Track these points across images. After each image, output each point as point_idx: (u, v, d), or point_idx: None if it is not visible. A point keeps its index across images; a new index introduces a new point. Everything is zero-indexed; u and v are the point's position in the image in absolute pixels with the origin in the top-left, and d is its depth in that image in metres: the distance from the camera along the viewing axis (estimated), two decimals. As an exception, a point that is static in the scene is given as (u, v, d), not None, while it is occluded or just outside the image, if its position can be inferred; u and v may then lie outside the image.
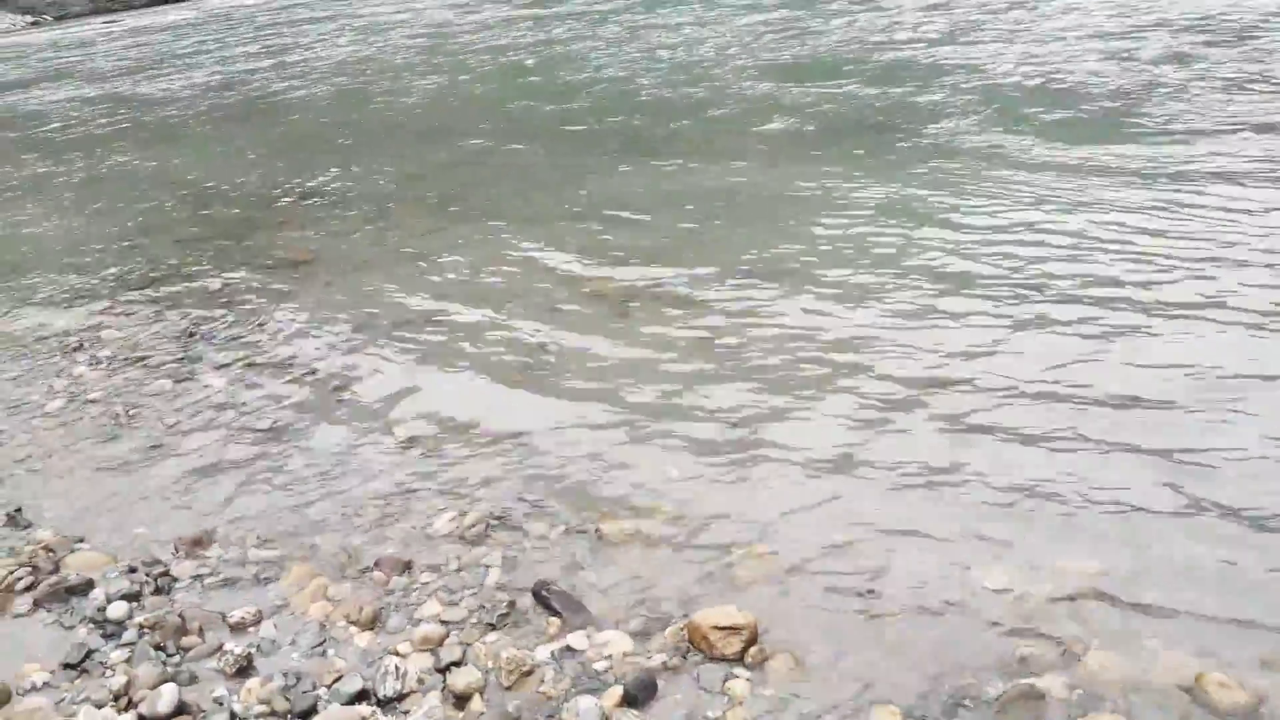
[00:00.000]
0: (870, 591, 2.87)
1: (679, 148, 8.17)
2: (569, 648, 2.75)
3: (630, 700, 2.51)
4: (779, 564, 3.02)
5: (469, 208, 7.13)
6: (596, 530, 3.28)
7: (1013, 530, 3.09)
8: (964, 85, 8.93)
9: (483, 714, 2.50)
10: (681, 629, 2.76)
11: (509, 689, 2.62)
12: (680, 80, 11.08)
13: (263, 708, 2.60)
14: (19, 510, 3.72)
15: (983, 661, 2.57)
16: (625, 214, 6.58)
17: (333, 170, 8.86)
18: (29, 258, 7.08)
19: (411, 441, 4.02)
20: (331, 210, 7.52)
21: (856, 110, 8.69)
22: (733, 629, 2.67)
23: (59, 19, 53.79)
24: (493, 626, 2.89)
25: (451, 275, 5.80)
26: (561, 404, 4.19)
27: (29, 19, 54.10)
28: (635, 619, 2.86)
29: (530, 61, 13.91)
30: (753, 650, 2.65)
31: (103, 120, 13.86)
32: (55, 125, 14.05)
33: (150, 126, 12.79)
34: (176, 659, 2.83)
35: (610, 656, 2.70)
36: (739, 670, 2.60)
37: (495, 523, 3.40)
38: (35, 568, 3.33)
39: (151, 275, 6.30)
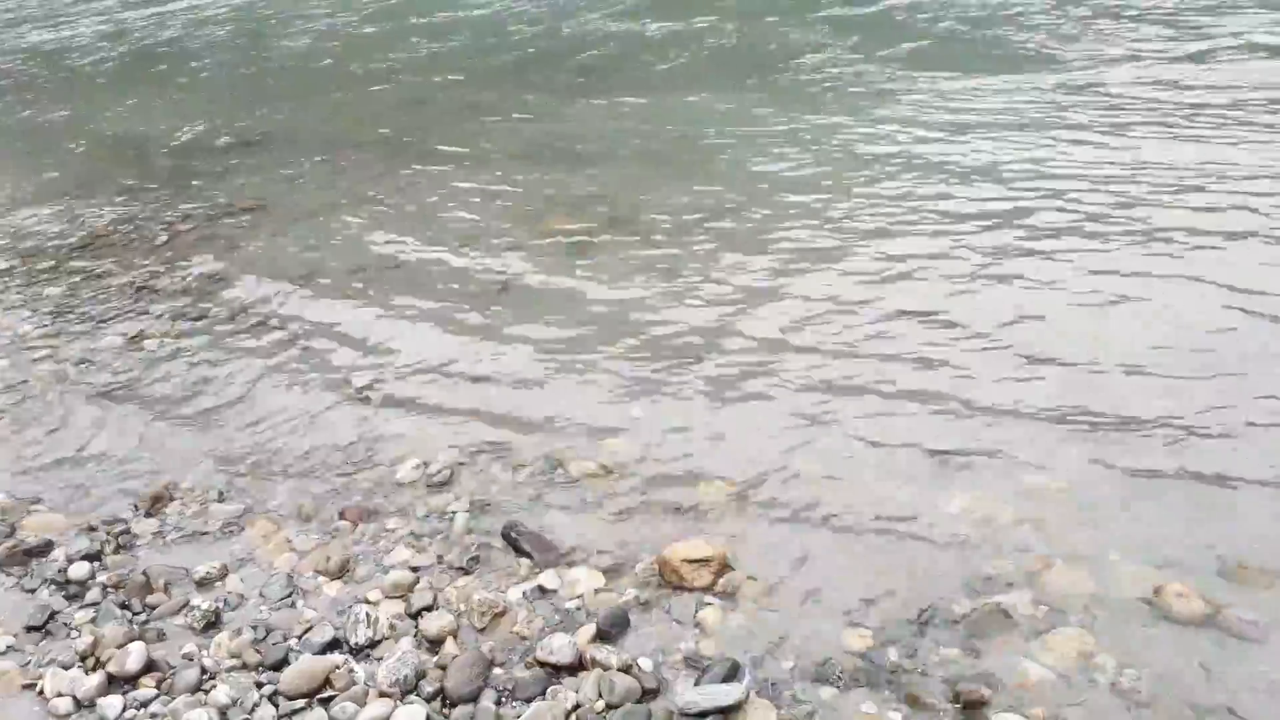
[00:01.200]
0: (835, 517, 2.90)
1: (629, 85, 8.03)
2: (540, 587, 2.75)
3: (604, 635, 2.52)
4: (745, 496, 3.04)
5: (420, 150, 6.96)
6: (563, 470, 3.27)
7: (976, 452, 3.12)
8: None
9: (456, 656, 2.50)
10: (652, 563, 2.77)
11: (482, 631, 2.62)
12: (629, 15, 10.85)
13: (233, 661, 2.59)
14: (-31, 474, 3.63)
15: (949, 582, 2.62)
16: (578, 152, 6.48)
17: (275, 116, 8.59)
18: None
19: (371, 389, 3.97)
20: (277, 156, 7.30)
21: (803, 42, 8.58)
22: (702, 561, 2.69)
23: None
24: (463, 570, 2.88)
25: (405, 219, 5.68)
26: (523, 346, 4.14)
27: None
28: (605, 556, 2.87)
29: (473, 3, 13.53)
30: (722, 581, 2.68)
31: (12, 72, 13.33)
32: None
33: (65, 77, 12.29)
34: (143, 617, 2.80)
35: (581, 594, 2.72)
36: (710, 599, 2.63)
37: (460, 467, 3.38)
38: (-10, 532, 3.26)
39: (95, 229, 6.10)
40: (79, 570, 3.00)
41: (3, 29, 17.39)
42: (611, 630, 2.54)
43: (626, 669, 2.39)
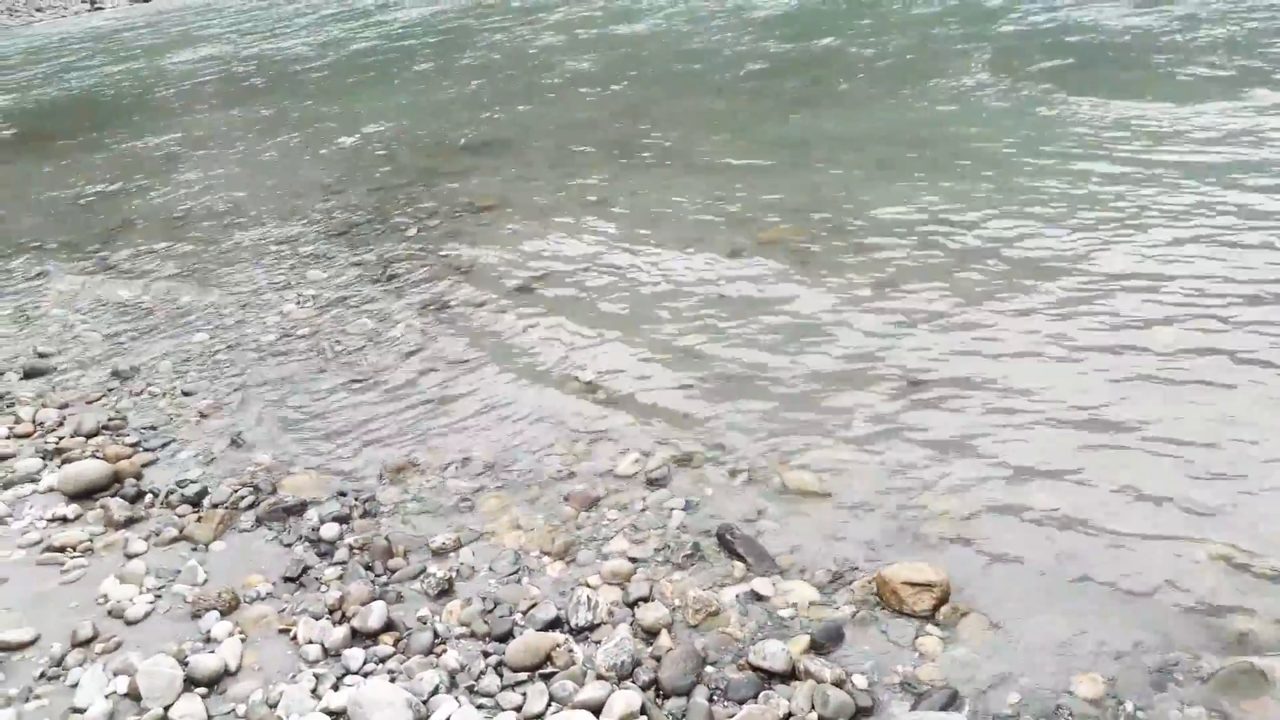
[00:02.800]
0: (1069, 557, 2.75)
1: (855, 91, 7.93)
2: (754, 592, 2.77)
3: (818, 647, 2.51)
4: (973, 522, 2.94)
5: (645, 155, 7.15)
6: (780, 479, 3.27)
7: (1234, 497, 2.89)
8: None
9: (670, 649, 2.56)
10: (870, 582, 2.73)
11: (695, 627, 2.66)
12: (855, 30, 10.72)
13: (463, 629, 2.75)
14: (240, 434, 4.03)
15: (1196, 636, 2.44)
16: (803, 159, 6.47)
17: (509, 120, 9.07)
18: (243, 204, 7.58)
19: (596, 383, 4.11)
20: (512, 158, 7.70)
21: (1060, 46, 8.18)
22: (924, 585, 2.62)
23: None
24: (678, 566, 2.94)
25: (630, 221, 5.85)
26: (741, 350, 4.18)
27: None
28: (820, 569, 2.85)
29: (700, 11, 13.75)
30: (944, 609, 2.60)
31: (285, 68, 14.63)
32: (243, 74, 14.94)
33: (316, 82, 13.40)
34: (384, 579, 3.02)
35: (795, 604, 2.71)
36: (930, 628, 2.56)
37: (678, 466, 3.44)
38: (256, 488, 3.61)
39: (350, 220, 6.65)
40: (330, 530, 3.27)
41: (256, 40, 19.22)
42: (826, 643, 2.52)
43: (840, 683, 2.37)
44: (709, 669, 2.50)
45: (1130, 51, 7.89)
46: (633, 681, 2.46)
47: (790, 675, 2.44)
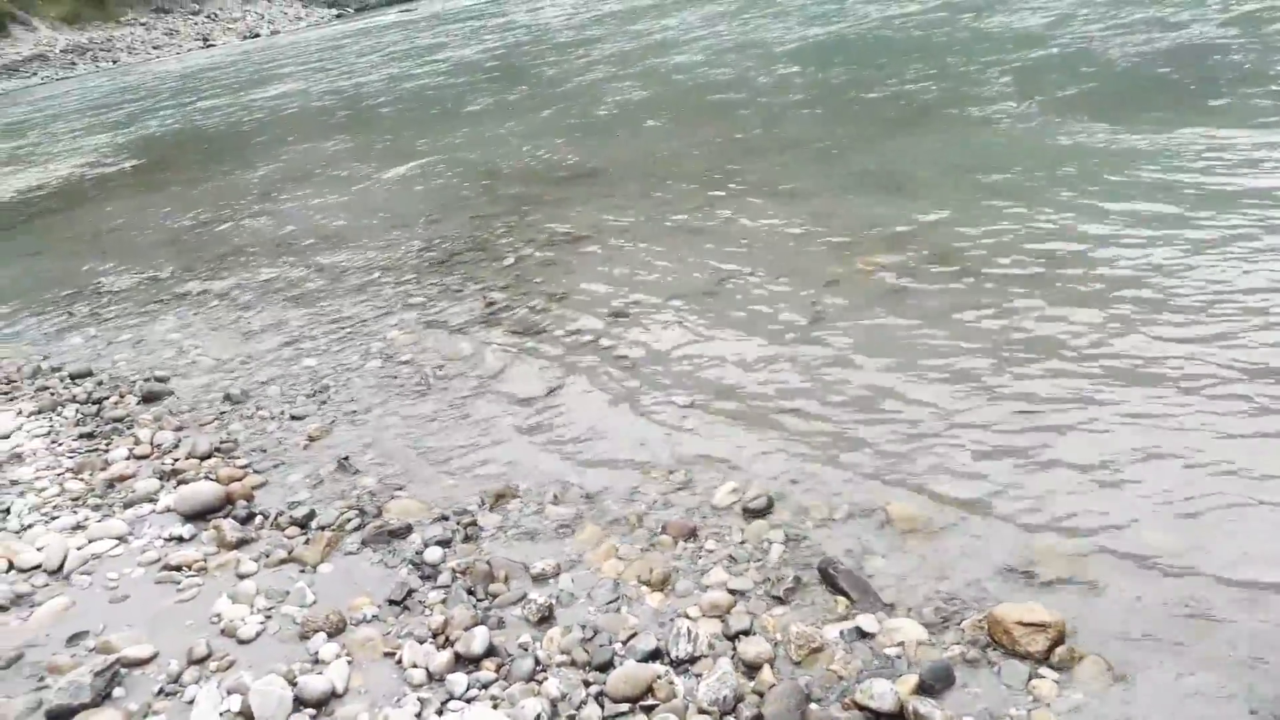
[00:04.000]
0: (1198, 598, 2.62)
1: (953, 116, 7.80)
2: (859, 629, 2.71)
3: (926, 688, 2.44)
4: (1090, 561, 2.83)
5: (735, 184, 7.15)
6: (884, 512, 3.21)
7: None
8: None
9: (774, 685, 2.51)
10: (980, 621, 2.65)
11: (799, 664, 2.62)
12: (962, 42, 10.56)
13: (563, 657, 2.75)
14: (347, 458, 4.13)
15: (1339, 693, 2.29)
16: (899, 185, 6.39)
17: (597, 150, 9.18)
18: (346, 232, 7.82)
19: (693, 410, 4.10)
20: (603, 188, 7.78)
21: (1161, 71, 7.93)
22: (1038, 626, 2.53)
23: (359, 10, 59.15)
24: (779, 600, 2.90)
25: (724, 249, 5.84)
26: (842, 379, 4.12)
27: (334, 11, 59.87)
28: (928, 607, 2.77)
29: (791, 35, 13.74)
30: (1060, 650, 2.50)
31: (394, 99, 15.09)
32: (356, 106, 15.44)
33: (437, 106, 13.77)
34: (486, 603, 3.05)
35: (902, 643, 2.64)
36: (1045, 670, 2.46)
37: (777, 497, 3.40)
38: (362, 511, 3.69)
39: (450, 249, 6.80)
40: (433, 554, 3.32)
41: (403, 60, 19.85)
42: (935, 684, 2.45)
43: (951, 727, 2.30)
44: (813, 706, 2.45)
45: (1228, 72, 7.59)
46: (735, 717, 2.43)
47: (898, 716, 2.38)
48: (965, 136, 7.26)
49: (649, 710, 2.49)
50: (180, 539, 3.68)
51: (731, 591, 2.95)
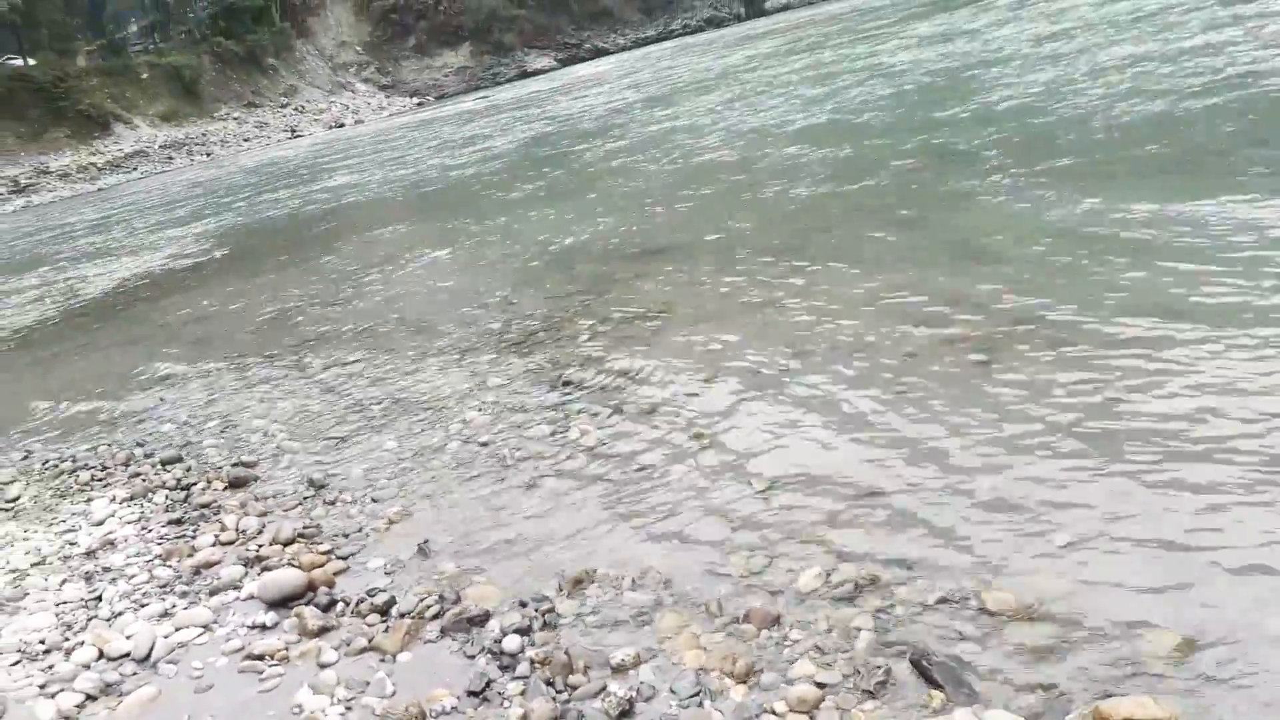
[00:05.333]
0: (1325, 695, 2.44)
1: (1040, 177, 7.67)
2: (956, 725, 2.57)
3: (1032, 792, 2.29)
4: (1200, 650, 2.65)
5: (812, 253, 7.11)
6: (978, 599, 3.07)
7: None
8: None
9: (867, 787, 2.39)
10: (1086, 716, 2.49)
11: (893, 763, 2.49)
12: (1043, 102, 10.45)
13: (646, 753, 2.66)
14: (425, 542, 4.14)
15: None
16: (979, 251, 6.27)
17: (669, 225, 9.26)
18: (429, 312, 7.98)
19: (772, 490, 4.01)
20: (677, 263, 7.81)
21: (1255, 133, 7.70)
22: (1151, 724, 2.37)
23: (438, 98, 61.47)
24: (869, 694, 2.78)
25: (799, 322, 5.79)
26: (926, 457, 4.00)
27: (415, 100, 62.32)
28: (1027, 700, 2.63)
29: (861, 95, 13.79)
30: (1176, 750, 2.34)
31: (477, 182, 15.50)
32: (441, 189, 15.90)
33: (517, 186, 14.10)
34: (565, 696, 2.98)
35: (1003, 739, 2.50)
36: (1160, 771, 2.30)
37: (865, 583, 3.28)
38: (441, 597, 3.68)
39: (526, 329, 6.88)
40: (511, 643, 3.28)
41: (473, 144, 20.46)
42: (1041, 787, 2.30)
43: (1061, 836, 2.15)
44: (910, 811, 2.32)
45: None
46: (828, 822, 2.31)
47: (1002, 822, 2.23)
48: (1026, 202, 7.11)
49: (736, 813, 2.39)
50: (264, 627, 3.71)
51: (819, 685, 2.84)
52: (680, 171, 12.27)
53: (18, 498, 5.60)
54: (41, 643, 3.79)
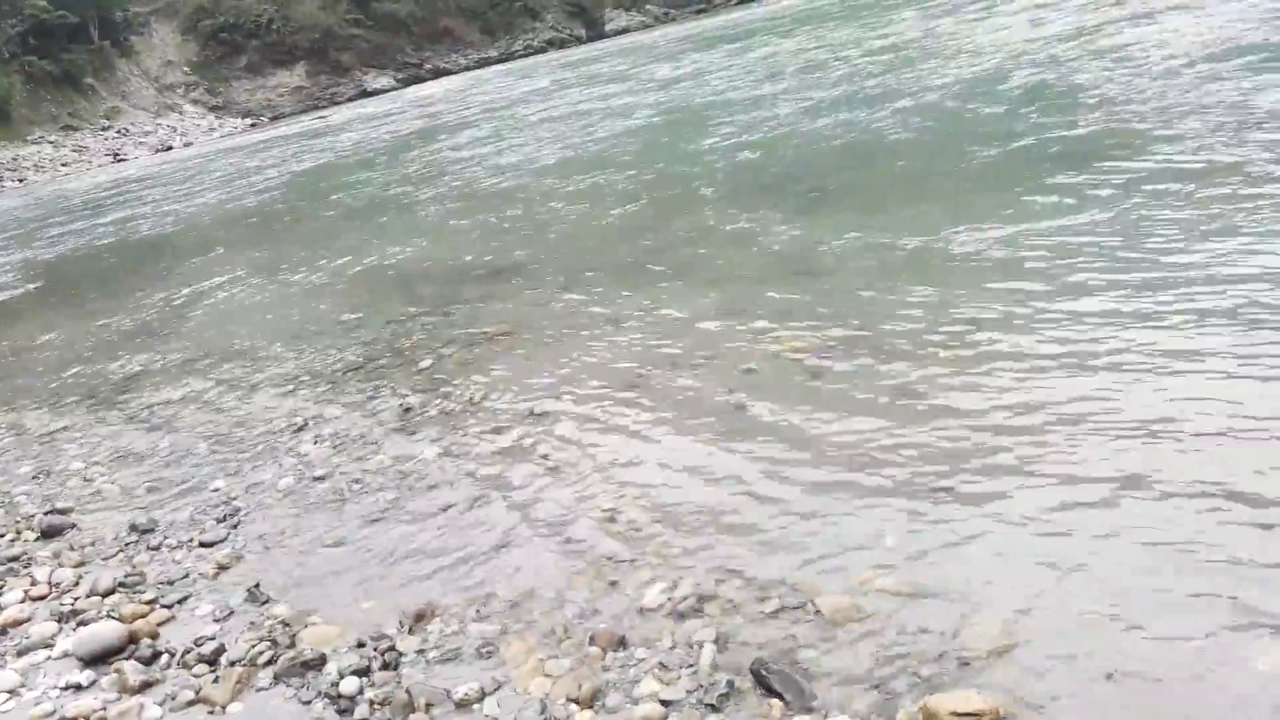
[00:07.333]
0: (1124, 673, 2.60)
1: (862, 201, 8.02)
2: (794, 733, 2.62)
3: (866, 792, 2.36)
4: (1018, 641, 2.80)
5: (654, 273, 7.20)
6: (812, 604, 3.15)
7: (1291, 603, 2.74)
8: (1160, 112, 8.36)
9: (710, 802, 2.41)
10: (916, 713, 2.59)
11: (735, 776, 2.52)
12: (855, 125, 10.94)
13: (490, 789, 2.61)
14: (257, 585, 3.95)
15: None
16: (813, 269, 6.49)
17: (517, 244, 9.22)
18: (260, 342, 7.66)
19: (617, 510, 4.02)
20: (523, 283, 7.78)
21: (1048, 144, 8.27)
22: (973, 715, 2.48)
23: (272, 119, 59.43)
24: (713, 707, 2.80)
25: (644, 341, 5.84)
26: (764, 470, 4.09)
27: (248, 121, 60.05)
28: (862, 702, 2.71)
29: (707, 119, 14.11)
30: (996, 739, 2.45)
31: (311, 204, 15.03)
32: (273, 213, 15.33)
33: (352, 209, 13.74)
34: (406, 736, 2.89)
35: (839, 743, 2.56)
36: (983, 761, 2.41)
37: (707, 597, 3.32)
38: (274, 642, 3.51)
39: (367, 355, 6.69)
40: (349, 685, 3.15)
41: (318, 167, 19.79)
42: (874, 786, 2.37)
43: (893, 832, 2.22)
44: (752, 822, 2.35)
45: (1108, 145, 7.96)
46: (672, 841, 2.31)
47: (839, 825, 2.28)
48: (874, 217, 7.43)
49: (581, 841, 2.36)
50: (78, 686, 3.45)
51: (663, 702, 2.85)
52: (522, 191, 12.24)
53: None
54: None
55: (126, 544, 4.60)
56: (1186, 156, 6.97)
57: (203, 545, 4.43)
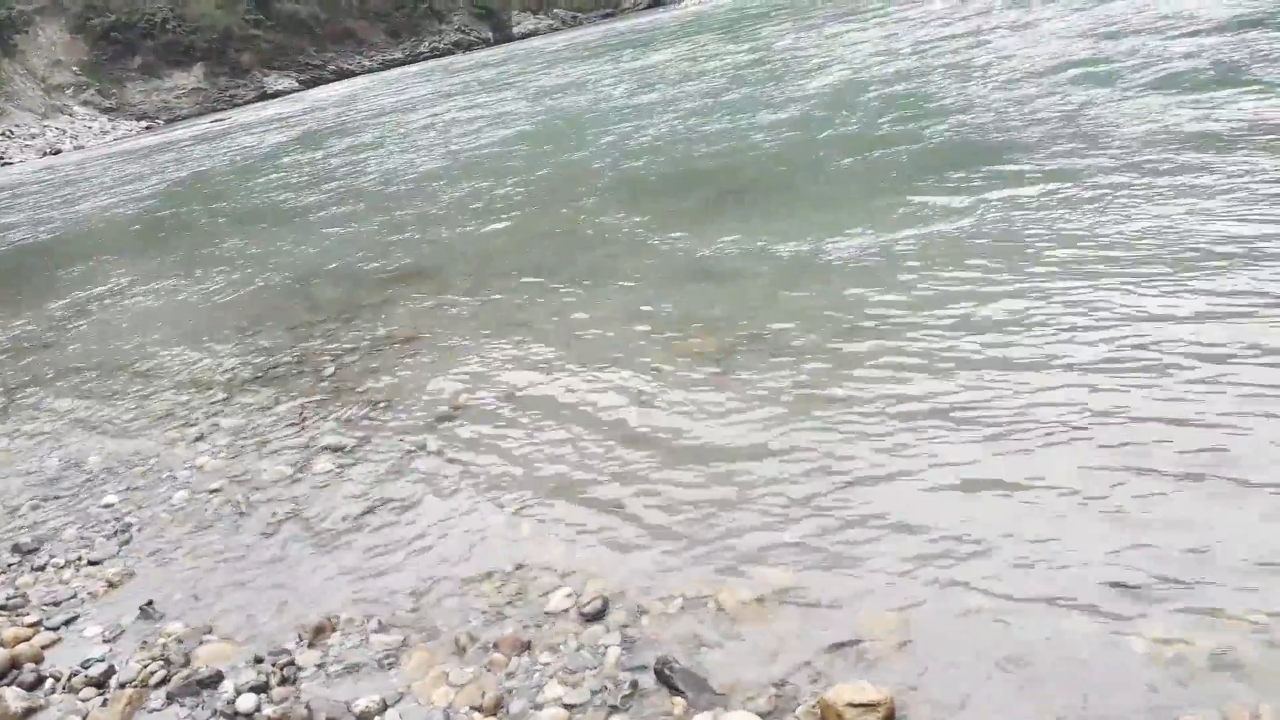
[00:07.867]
0: (1011, 660, 2.70)
1: (766, 205, 8.14)
2: (697, 728, 2.65)
3: (765, 785, 2.40)
4: (911, 633, 2.88)
5: (561, 276, 7.19)
6: (715, 602, 3.19)
7: (1166, 583, 2.88)
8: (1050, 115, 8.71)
9: (613, 803, 2.42)
10: (814, 707, 2.64)
11: (638, 776, 2.53)
12: (736, 134, 11.10)
13: (391, 801, 2.57)
14: (150, 603, 3.81)
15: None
16: (717, 271, 6.56)
17: (426, 247, 9.10)
18: (153, 352, 7.40)
19: (522, 514, 4.00)
20: (431, 287, 7.67)
21: (910, 152, 8.53)
22: (868, 706, 2.54)
23: (169, 122, 57.47)
24: (616, 708, 2.81)
25: (550, 343, 5.82)
26: (668, 470, 4.12)
27: (143, 124, 57.92)
28: (762, 697, 2.75)
29: (606, 124, 14.14)
30: (890, 727, 2.52)
31: (207, 210, 14.59)
32: (167, 219, 14.85)
33: (252, 215, 13.38)
34: (305, 752, 2.83)
35: (740, 737, 2.60)
36: (879, 750, 2.47)
37: (611, 597, 3.33)
38: (167, 661, 3.40)
39: (267, 362, 6.52)
40: (246, 703, 3.08)
41: (221, 171, 19.17)
42: (774, 779, 2.41)
43: (791, 823, 2.26)
44: (654, 820, 2.36)
45: (1010, 136, 8.26)
46: (574, 844, 2.31)
47: (739, 819, 2.32)
48: (779, 219, 7.54)
49: None
50: (-47, 718, 3.28)
51: (567, 706, 2.85)
52: (421, 196, 12.08)
53: None
54: None
55: (9, 565, 4.40)
56: (1038, 161, 7.31)
57: (91, 563, 4.26)
